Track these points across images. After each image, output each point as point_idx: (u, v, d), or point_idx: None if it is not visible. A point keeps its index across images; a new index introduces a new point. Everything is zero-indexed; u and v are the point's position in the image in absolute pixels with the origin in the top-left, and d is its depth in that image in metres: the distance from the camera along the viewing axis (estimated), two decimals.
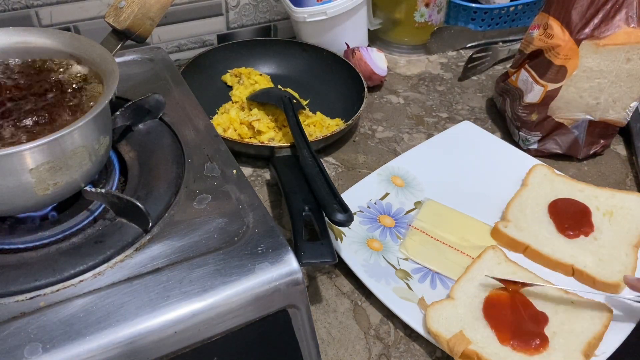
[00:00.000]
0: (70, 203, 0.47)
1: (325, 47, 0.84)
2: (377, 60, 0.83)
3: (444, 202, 0.65)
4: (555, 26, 0.67)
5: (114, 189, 0.49)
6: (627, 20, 0.64)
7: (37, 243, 0.44)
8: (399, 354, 0.51)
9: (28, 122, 0.45)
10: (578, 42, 0.66)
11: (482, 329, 0.51)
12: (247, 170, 0.70)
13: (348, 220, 0.52)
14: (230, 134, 0.72)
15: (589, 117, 0.71)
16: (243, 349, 0.42)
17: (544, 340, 0.49)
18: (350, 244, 0.59)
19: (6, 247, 0.43)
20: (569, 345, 0.49)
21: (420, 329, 0.51)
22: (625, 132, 0.79)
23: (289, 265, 0.42)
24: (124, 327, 0.37)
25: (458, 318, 0.52)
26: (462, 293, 0.54)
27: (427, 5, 0.92)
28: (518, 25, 1.01)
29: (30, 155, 0.39)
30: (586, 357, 0.48)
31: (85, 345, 0.36)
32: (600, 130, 0.73)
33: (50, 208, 0.47)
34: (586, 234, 0.61)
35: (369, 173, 0.68)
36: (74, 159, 0.42)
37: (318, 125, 0.75)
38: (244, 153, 0.71)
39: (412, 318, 0.52)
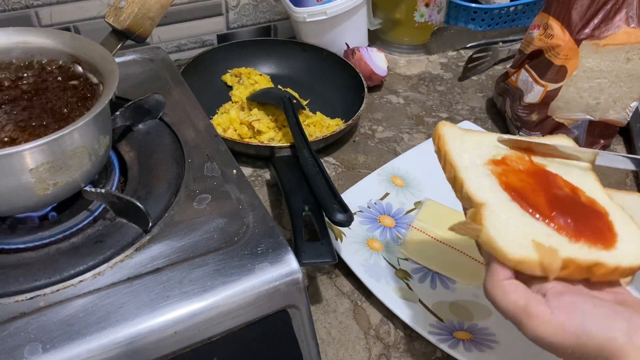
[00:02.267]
0: (70, 203, 0.47)
1: (325, 47, 0.84)
2: (377, 60, 0.83)
3: (444, 202, 0.65)
4: (555, 26, 0.67)
5: (114, 189, 0.49)
6: (627, 20, 0.64)
7: (37, 243, 0.44)
8: (399, 354, 0.51)
9: (27, 122, 0.45)
10: (578, 42, 0.66)
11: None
12: (247, 170, 0.70)
13: (348, 220, 0.52)
14: (230, 134, 0.72)
15: (589, 117, 0.71)
16: (243, 349, 0.42)
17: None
18: (350, 244, 0.59)
19: (6, 247, 0.43)
20: None
21: (420, 329, 0.51)
22: (625, 132, 0.79)
23: (289, 265, 0.42)
24: (124, 327, 0.37)
25: (514, 225, 0.39)
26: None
27: (427, 5, 0.92)
28: (518, 25, 1.01)
29: (30, 155, 0.39)
30: None
31: (85, 345, 0.36)
32: (600, 130, 0.73)
33: (50, 208, 0.47)
34: None
35: (369, 173, 0.68)
36: (74, 159, 0.42)
37: (318, 125, 0.75)
38: (244, 153, 0.71)
39: (412, 318, 0.52)
